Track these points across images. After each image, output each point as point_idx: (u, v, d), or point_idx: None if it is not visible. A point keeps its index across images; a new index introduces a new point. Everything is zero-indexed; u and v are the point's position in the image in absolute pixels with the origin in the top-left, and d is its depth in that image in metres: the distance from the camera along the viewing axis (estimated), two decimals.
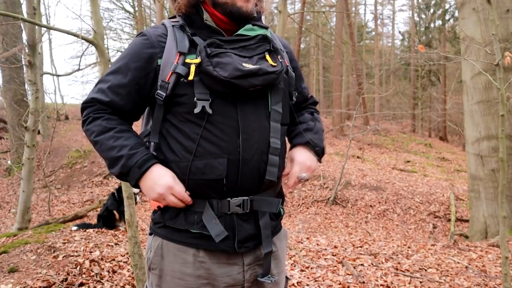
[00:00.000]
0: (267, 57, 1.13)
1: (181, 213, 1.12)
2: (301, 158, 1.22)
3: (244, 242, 1.13)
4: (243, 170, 1.09)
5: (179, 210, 1.12)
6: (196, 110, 1.06)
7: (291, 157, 1.24)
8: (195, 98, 1.06)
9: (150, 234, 1.20)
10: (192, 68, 1.07)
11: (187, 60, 1.09)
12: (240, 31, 1.15)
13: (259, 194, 1.14)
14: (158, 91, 1.10)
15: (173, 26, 1.16)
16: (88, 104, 1.15)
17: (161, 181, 1.06)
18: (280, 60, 1.15)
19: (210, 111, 1.06)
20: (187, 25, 1.15)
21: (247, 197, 1.12)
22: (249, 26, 1.16)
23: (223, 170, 1.08)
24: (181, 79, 1.08)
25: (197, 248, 1.12)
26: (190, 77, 1.07)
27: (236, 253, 1.13)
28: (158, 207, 1.15)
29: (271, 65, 1.11)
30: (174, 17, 1.23)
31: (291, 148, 1.28)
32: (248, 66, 1.07)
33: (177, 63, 1.09)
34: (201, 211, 1.10)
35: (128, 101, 1.14)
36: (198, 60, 1.07)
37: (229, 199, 1.10)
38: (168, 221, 1.13)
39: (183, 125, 1.10)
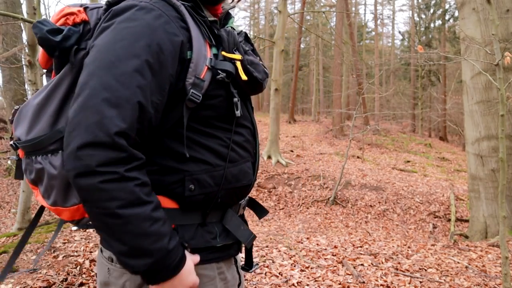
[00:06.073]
0: None
1: (197, 228, 0.95)
2: None
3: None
4: (255, 172, 1.06)
5: (195, 227, 0.95)
6: (238, 113, 0.93)
7: None
8: (235, 99, 0.93)
9: None
10: (239, 65, 0.92)
11: (229, 55, 0.91)
12: (229, 25, 1.04)
13: None
14: (192, 91, 0.86)
15: (184, 5, 0.90)
16: (111, 158, 0.77)
17: (189, 279, 0.86)
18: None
19: (240, 113, 0.95)
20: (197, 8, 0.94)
21: (247, 198, 1.11)
22: (232, 19, 1.05)
23: (251, 175, 1.02)
24: (218, 77, 0.89)
25: (217, 261, 0.99)
26: (244, 77, 0.91)
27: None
28: None
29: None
30: None
31: None
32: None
33: (209, 56, 0.90)
34: (218, 220, 0.99)
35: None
36: (240, 57, 0.92)
37: (240, 202, 1.05)
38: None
39: (213, 130, 0.94)
